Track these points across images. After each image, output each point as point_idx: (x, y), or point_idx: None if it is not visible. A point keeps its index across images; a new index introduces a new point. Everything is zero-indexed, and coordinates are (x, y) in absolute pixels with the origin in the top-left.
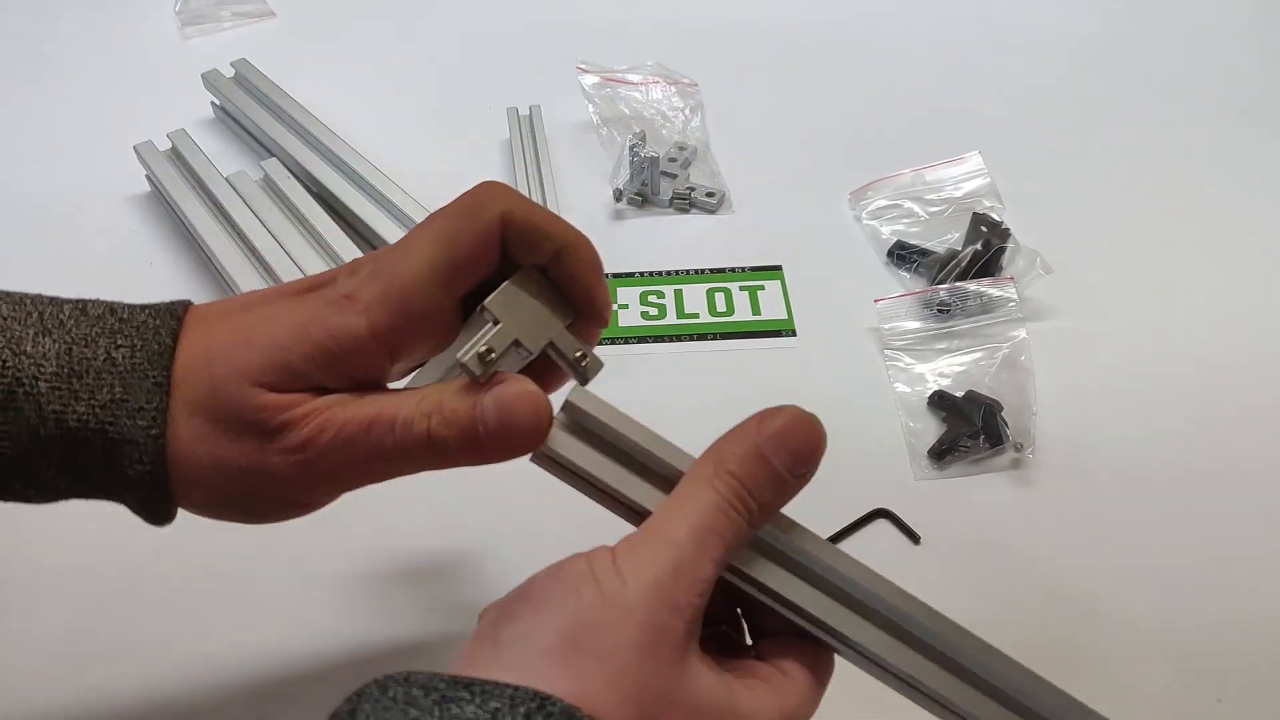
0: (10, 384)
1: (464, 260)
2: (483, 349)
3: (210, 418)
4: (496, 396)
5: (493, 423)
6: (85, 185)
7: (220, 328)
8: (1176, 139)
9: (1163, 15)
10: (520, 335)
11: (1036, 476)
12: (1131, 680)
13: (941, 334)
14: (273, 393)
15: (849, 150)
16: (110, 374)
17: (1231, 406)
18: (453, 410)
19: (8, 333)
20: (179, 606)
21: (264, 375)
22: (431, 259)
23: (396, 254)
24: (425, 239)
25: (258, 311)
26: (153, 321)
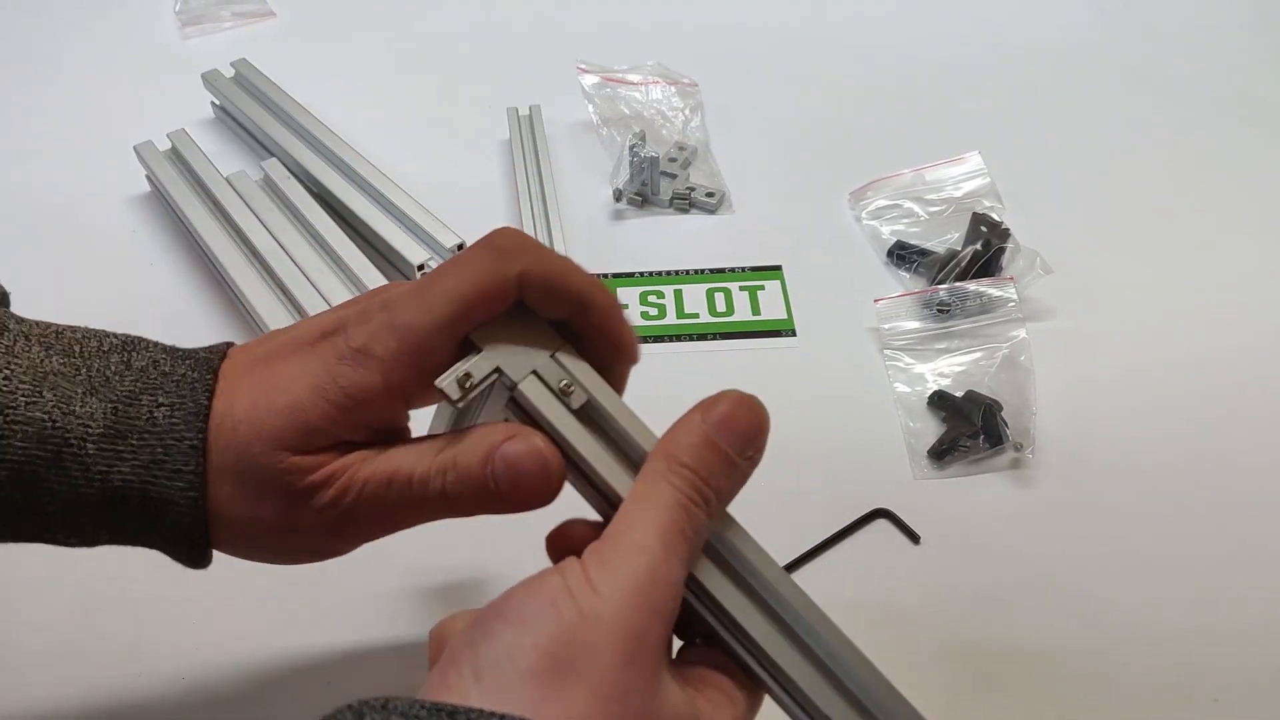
0: (59, 445)
1: (477, 316)
2: (460, 375)
3: (240, 480)
4: (504, 455)
5: (504, 481)
6: (85, 185)
7: (243, 389)
8: (1177, 139)
9: (1163, 15)
10: (502, 364)
11: (1036, 476)
12: (1129, 679)
13: (941, 334)
14: (296, 455)
15: (849, 150)
16: (151, 434)
17: (1231, 406)
18: (465, 469)
19: (59, 390)
20: (171, 609)
21: (286, 438)
22: (447, 315)
23: (410, 306)
24: (441, 296)
25: (276, 368)
26: (190, 375)
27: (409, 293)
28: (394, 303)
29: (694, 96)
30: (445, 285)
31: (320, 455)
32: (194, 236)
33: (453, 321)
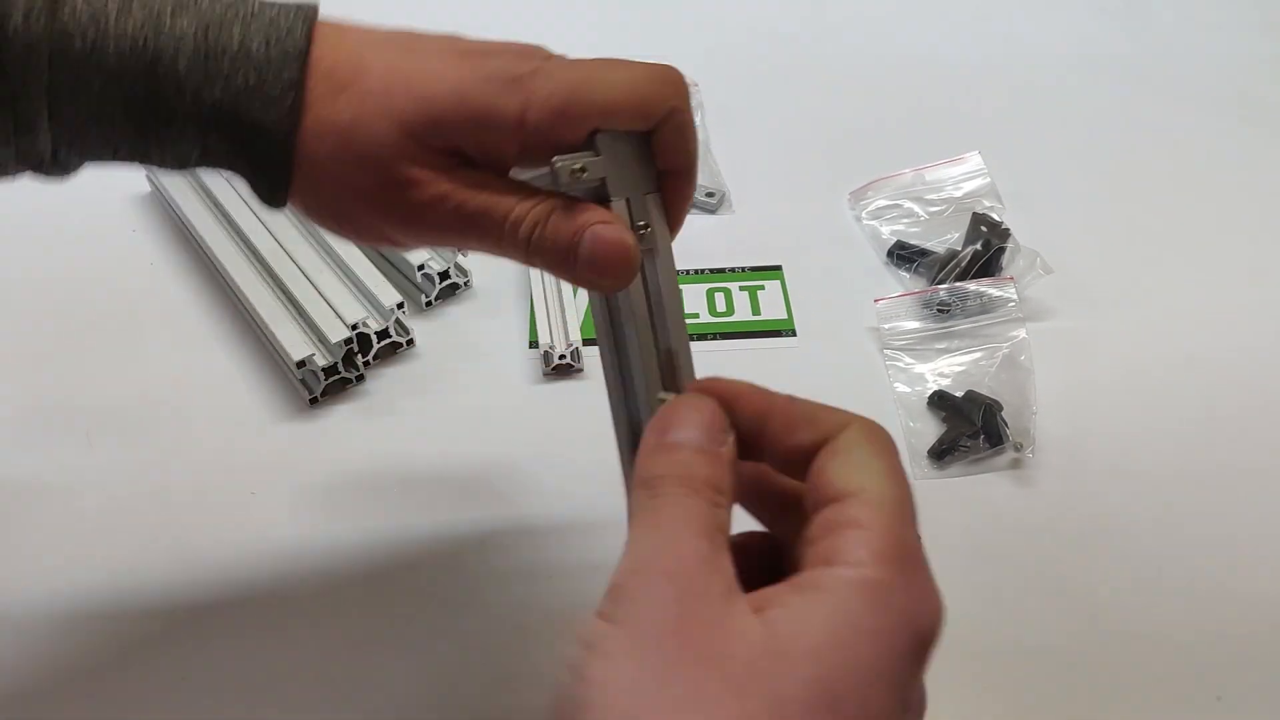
0: (151, 62)
1: (623, 120)
2: (577, 166)
3: (344, 140)
4: (596, 234)
5: (585, 256)
6: (85, 185)
7: (377, 61)
8: (1177, 139)
9: (1163, 15)
10: (609, 176)
11: (1036, 476)
12: (1132, 678)
13: (941, 334)
14: (413, 142)
15: (849, 150)
16: (245, 63)
17: (1231, 405)
18: (555, 229)
19: (147, 8)
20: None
21: (411, 124)
22: (606, 100)
23: (575, 72)
24: (608, 81)
25: (419, 60)
26: (283, 20)
27: (575, 62)
28: (559, 62)
29: (694, 96)
30: (618, 75)
31: (433, 156)
32: (194, 236)
33: (605, 109)
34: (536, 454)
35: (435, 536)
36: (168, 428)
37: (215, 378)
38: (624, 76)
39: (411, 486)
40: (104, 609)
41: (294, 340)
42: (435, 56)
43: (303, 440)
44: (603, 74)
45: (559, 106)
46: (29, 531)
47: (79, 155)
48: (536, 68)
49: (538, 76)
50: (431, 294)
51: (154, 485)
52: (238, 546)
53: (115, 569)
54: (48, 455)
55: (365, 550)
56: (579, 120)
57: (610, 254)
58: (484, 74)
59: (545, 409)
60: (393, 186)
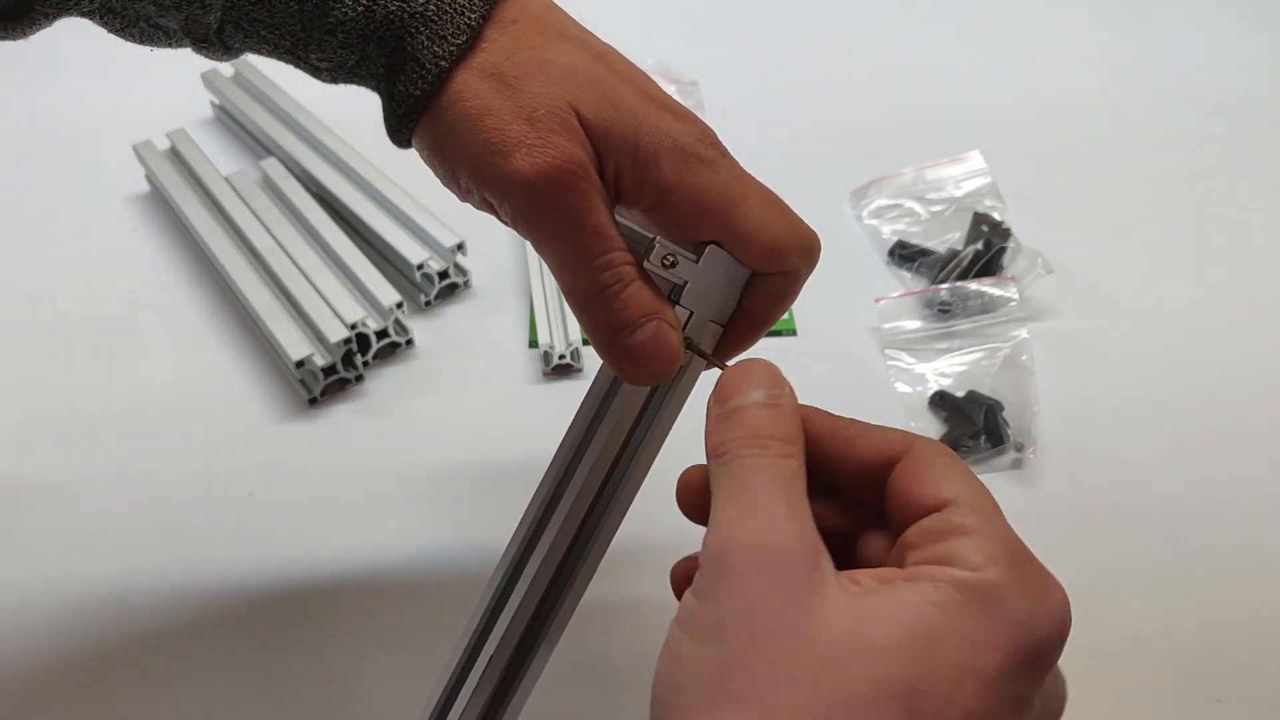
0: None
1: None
2: (671, 258)
3: (500, 101)
4: (663, 329)
5: (639, 340)
6: (85, 185)
7: (564, 46)
8: (1178, 138)
9: (1164, 15)
10: (691, 285)
11: (1037, 476)
12: (1131, 680)
13: (942, 334)
14: (573, 132)
15: (849, 150)
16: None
17: (1233, 407)
18: (632, 298)
19: None
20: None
21: (586, 117)
22: (743, 233)
23: (734, 185)
24: (756, 217)
25: (609, 69)
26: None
27: (742, 176)
28: (728, 165)
29: (694, 95)
30: (771, 215)
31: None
32: (193, 236)
33: (739, 237)
34: (536, 454)
35: (435, 536)
36: (167, 428)
37: (214, 378)
38: (775, 219)
39: (411, 486)
40: (103, 609)
41: (293, 340)
42: (625, 79)
43: (302, 440)
44: (759, 206)
45: (704, 208)
46: (29, 531)
47: (243, 39)
48: (710, 157)
49: (705, 167)
50: (431, 294)
51: (153, 485)
52: (237, 546)
53: (114, 569)
54: (48, 455)
55: (364, 550)
56: (709, 231)
57: (659, 355)
58: (662, 126)
59: (545, 409)
60: (514, 175)
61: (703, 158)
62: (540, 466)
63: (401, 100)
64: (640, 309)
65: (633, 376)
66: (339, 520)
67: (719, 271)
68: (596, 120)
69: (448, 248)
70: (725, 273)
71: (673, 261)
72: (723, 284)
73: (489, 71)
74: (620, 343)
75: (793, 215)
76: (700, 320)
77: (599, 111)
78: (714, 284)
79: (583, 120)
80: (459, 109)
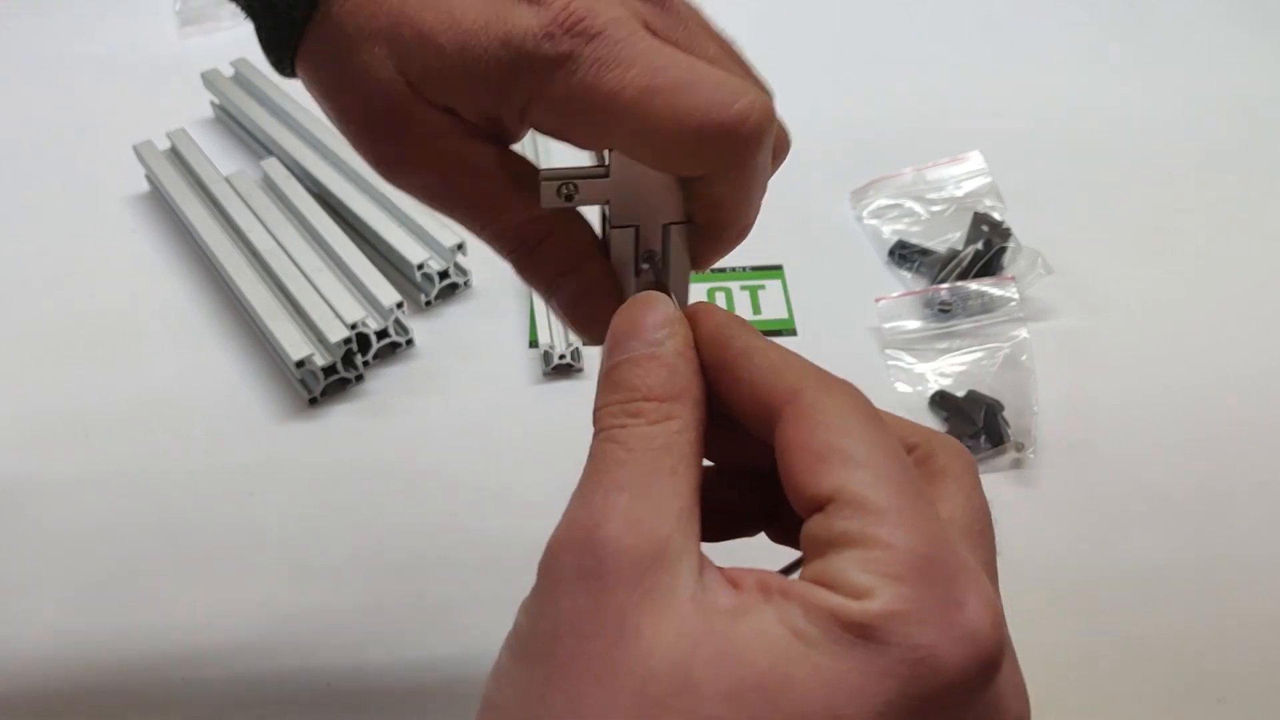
0: None
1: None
2: (569, 188)
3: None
4: (572, 291)
5: (561, 305)
6: (85, 185)
7: None
8: (1179, 138)
9: (1165, 15)
10: (616, 201)
11: (1037, 476)
12: (1133, 680)
13: (942, 334)
14: (404, 83)
15: (849, 150)
16: None
17: (1233, 406)
18: (538, 262)
19: None
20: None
21: (408, 65)
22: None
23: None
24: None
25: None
26: None
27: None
28: (605, 47)
29: None
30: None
31: (424, 107)
32: (194, 236)
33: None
34: (536, 454)
35: (435, 537)
36: (167, 427)
37: (214, 378)
38: (661, 112)
39: (411, 486)
40: (102, 609)
41: (293, 340)
42: None
43: (302, 440)
44: (638, 100)
45: (568, 125)
46: (29, 531)
47: None
48: (569, 51)
49: (564, 65)
50: (431, 293)
51: (153, 485)
52: (236, 547)
53: (114, 569)
54: (47, 455)
55: (364, 551)
56: (592, 145)
57: (585, 318)
58: (501, 33)
59: (545, 409)
60: (384, 124)
61: (553, 57)
62: (540, 466)
63: (271, 44)
64: (545, 269)
65: (582, 337)
66: (339, 520)
67: (644, 170)
68: (419, 70)
69: (448, 247)
70: (646, 170)
71: (570, 191)
72: (656, 180)
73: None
74: (553, 309)
75: (694, 97)
76: (652, 229)
77: (421, 58)
78: (645, 185)
79: (413, 84)
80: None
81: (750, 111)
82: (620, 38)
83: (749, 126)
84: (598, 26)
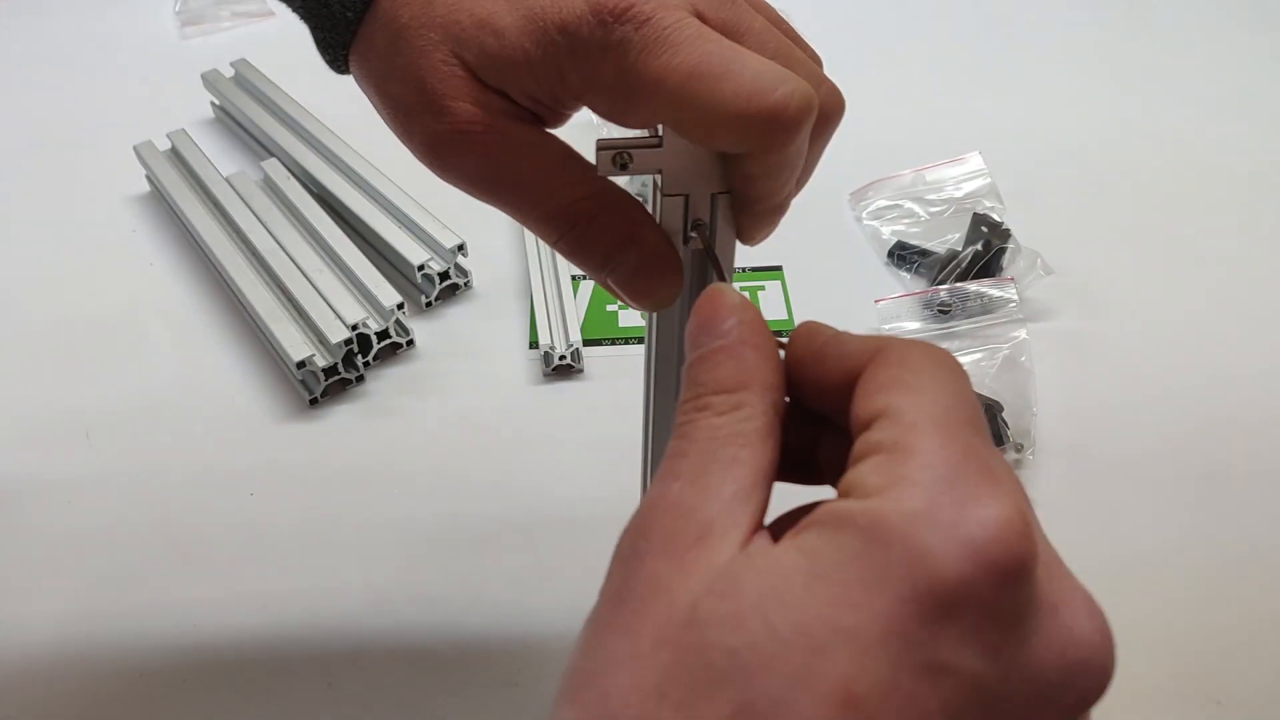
0: None
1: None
2: (624, 157)
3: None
4: (631, 263)
5: (619, 281)
6: (85, 185)
7: None
8: (1178, 139)
9: (1165, 15)
10: (669, 170)
11: (1036, 477)
12: (1131, 681)
13: (942, 335)
14: (461, 67)
15: (849, 150)
16: None
17: (1232, 407)
18: (592, 238)
19: None
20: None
21: (463, 50)
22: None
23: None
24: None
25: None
26: None
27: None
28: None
29: None
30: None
31: (479, 91)
32: (194, 236)
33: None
34: (536, 454)
35: (435, 537)
36: (168, 428)
37: (215, 378)
38: (704, 97)
39: (411, 487)
40: (102, 609)
41: (294, 341)
42: None
43: (302, 441)
44: (685, 83)
45: (621, 108)
46: (29, 531)
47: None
48: (620, 38)
49: (615, 49)
50: (431, 294)
51: (153, 485)
52: (237, 547)
53: (114, 569)
54: (48, 455)
55: (365, 551)
56: (645, 123)
57: (647, 288)
58: (559, 19)
59: (545, 409)
60: (436, 106)
61: (606, 42)
62: (540, 466)
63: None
64: (602, 244)
65: (641, 307)
66: (339, 520)
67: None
68: (480, 60)
69: (449, 248)
70: None
71: (626, 160)
72: (705, 150)
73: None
74: (610, 285)
75: (736, 83)
76: (701, 198)
77: (481, 47)
78: (695, 155)
79: (469, 66)
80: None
81: (790, 100)
82: (668, 24)
83: (789, 114)
84: (646, 13)
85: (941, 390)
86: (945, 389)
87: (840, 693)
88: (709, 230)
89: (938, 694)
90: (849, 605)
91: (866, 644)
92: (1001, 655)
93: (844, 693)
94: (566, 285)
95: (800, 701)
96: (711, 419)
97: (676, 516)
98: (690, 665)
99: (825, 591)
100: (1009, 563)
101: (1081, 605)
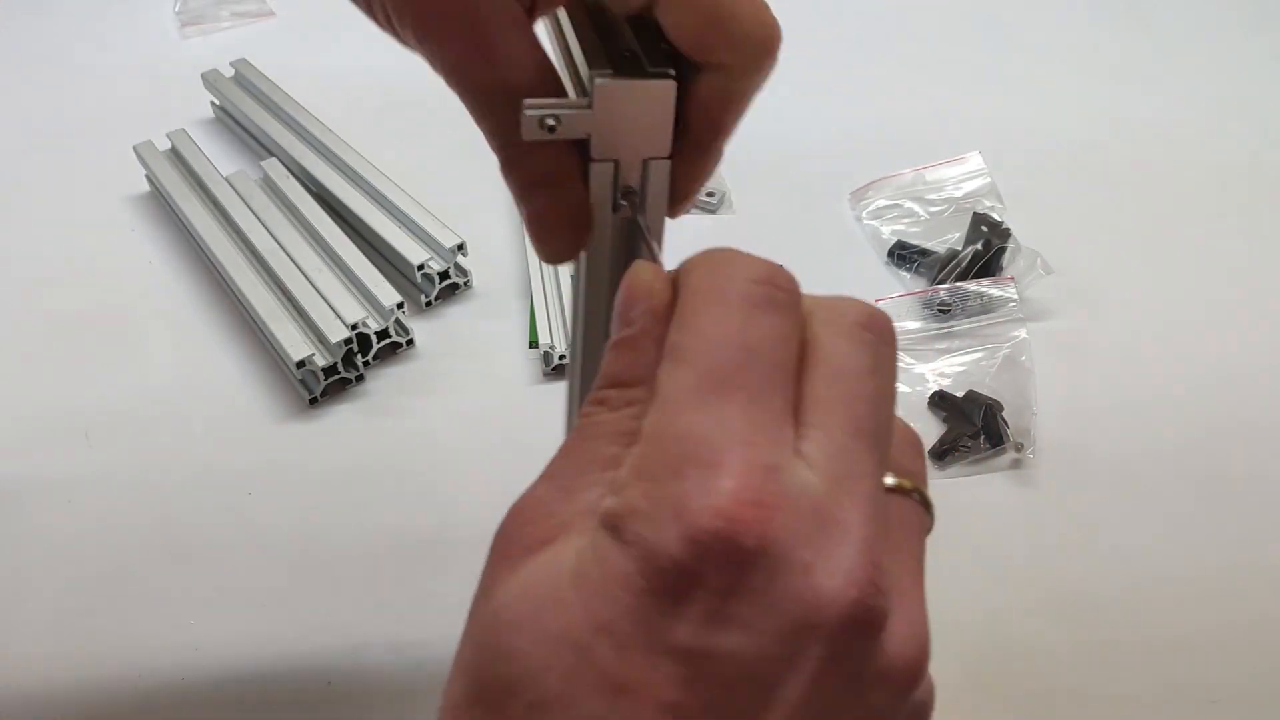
0: None
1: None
2: (551, 119)
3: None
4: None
5: (527, 214)
6: (85, 185)
7: None
8: (1178, 140)
9: (1165, 15)
10: (597, 136)
11: (1036, 477)
12: (1127, 681)
13: (942, 334)
14: None
15: (849, 150)
16: None
17: (1232, 407)
18: (516, 166)
19: None
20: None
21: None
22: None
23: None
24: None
25: None
26: None
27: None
28: None
29: None
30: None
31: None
32: (193, 236)
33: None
34: (536, 454)
35: (435, 537)
36: (167, 428)
37: (214, 378)
38: None
39: (411, 487)
40: (102, 609)
41: (293, 340)
42: None
43: (302, 440)
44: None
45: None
46: (29, 531)
47: None
48: None
49: None
50: (431, 294)
51: (153, 485)
52: (237, 547)
53: (114, 569)
54: (47, 455)
55: (364, 550)
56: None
57: (548, 232)
58: None
59: (545, 409)
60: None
61: None
62: (540, 466)
63: None
64: (524, 178)
65: (541, 254)
66: (339, 520)
67: (629, 101)
68: None
69: (448, 248)
70: (639, 99)
71: (554, 123)
72: (641, 113)
73: None
74: (521, 217)
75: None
76: (632, 165)
77: None
78: (629, 118)
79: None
80: None
81: (778, 32)
82: None
83: (777, 40)
84: None
85: (715, 325)
86: (718, 323)
87: (609, 683)
88: (639, 198)
89: (697, 672)
90: (605, 601)
91: (621, 637)
92: (753, 628)
93: (613, 683)
94: (566, 285)
95: (579, 695)
96: (604, 414)
97: (528, 521)
98: (490, 669)
99: (586, 590)
100: (726, 539)
101: (839, 560)
